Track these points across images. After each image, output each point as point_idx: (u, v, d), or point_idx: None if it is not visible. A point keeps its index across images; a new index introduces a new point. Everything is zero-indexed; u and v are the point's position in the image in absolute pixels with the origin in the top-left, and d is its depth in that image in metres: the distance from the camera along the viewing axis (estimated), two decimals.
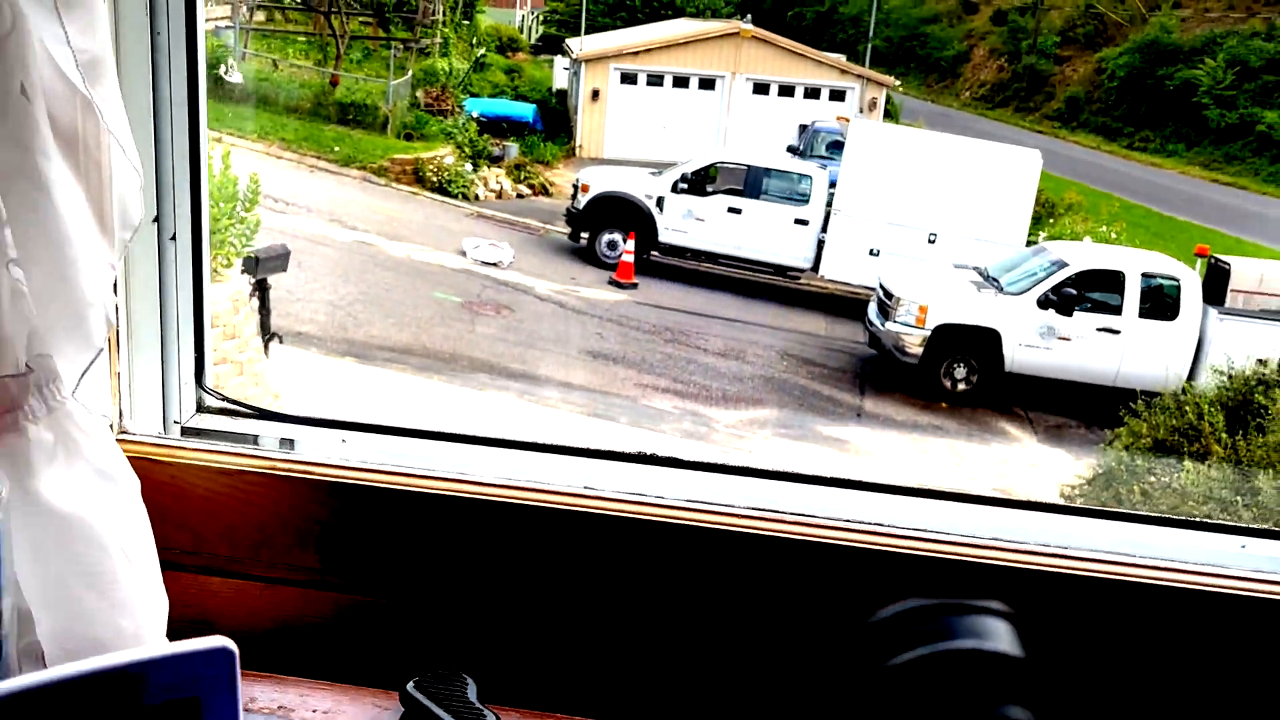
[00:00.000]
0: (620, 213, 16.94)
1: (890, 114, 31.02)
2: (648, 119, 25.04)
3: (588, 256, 16.97)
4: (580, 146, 25.12)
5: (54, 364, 0.76)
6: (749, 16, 37.44)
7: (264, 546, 1.17)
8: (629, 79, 25.83)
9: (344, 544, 1.19)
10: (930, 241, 16.39)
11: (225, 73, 18.94)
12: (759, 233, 16.82)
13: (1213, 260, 14.50)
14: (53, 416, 0.76)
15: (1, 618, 0.80)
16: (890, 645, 1.13)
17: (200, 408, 1.29)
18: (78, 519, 0.78)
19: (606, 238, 16.89)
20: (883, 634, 1.13)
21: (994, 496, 1.31)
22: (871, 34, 45.22)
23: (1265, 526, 1.23)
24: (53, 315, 0.73)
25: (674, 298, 16.11)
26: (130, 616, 0.90)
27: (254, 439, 1.24)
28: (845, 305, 16.64)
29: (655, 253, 17.26)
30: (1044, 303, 13.70)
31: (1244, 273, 13.96)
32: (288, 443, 1.23)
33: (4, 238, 0.70)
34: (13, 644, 0.83)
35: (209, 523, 1.02)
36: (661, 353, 13.89)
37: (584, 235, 17.10)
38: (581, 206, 17.08)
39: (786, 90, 26.77)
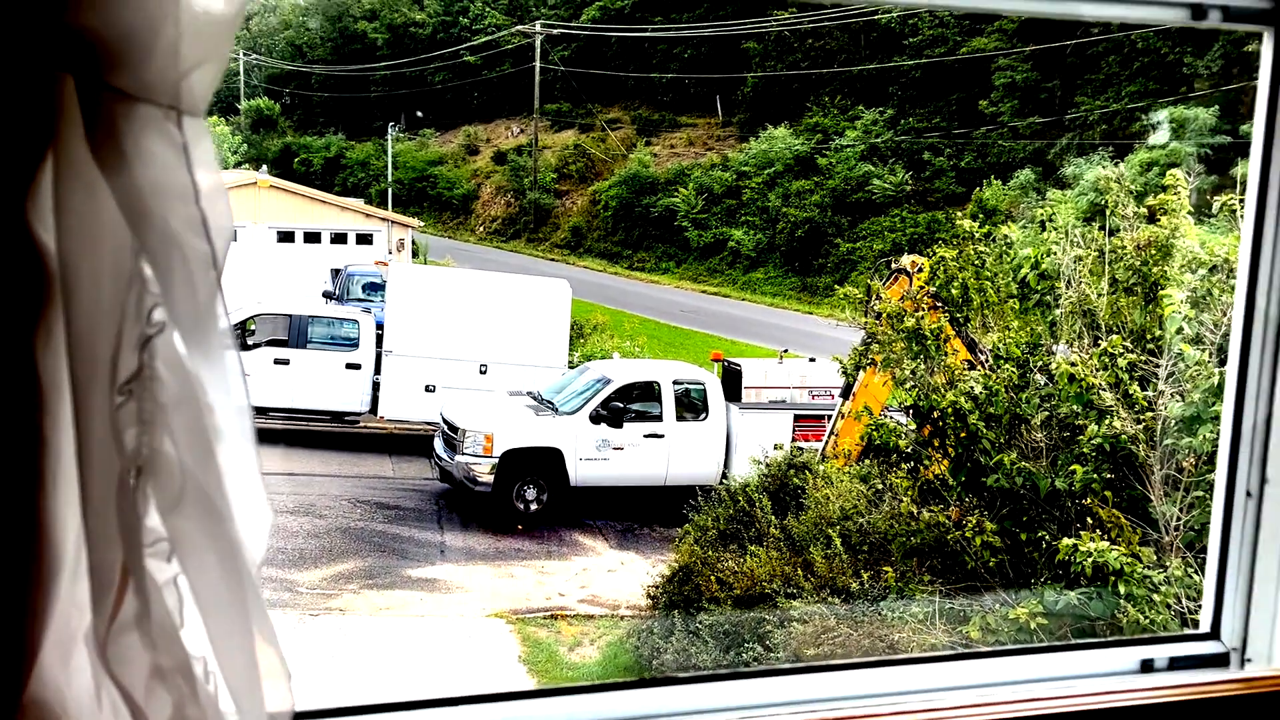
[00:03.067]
0: None
1: (416, 253, 31.86)
2: None
3: None
4: None
5: None
6: (264, 166, 36.76)
7: None
8: None
9: None
10: (482, 372, 16.96)
11: None
12: (310, 382, 16.37)
13: (726, 363, 16.51)
14: None
15: None
16: None
17: None
18: None
19: None
20: None
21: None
22: (390, 177, 46.38)
23: None
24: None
25: None
26: None
27: None
28: (410, 443, 16.63)
29: None
30: (596, 418, 14.70)
31: (752, 371, 16.03)
32: None
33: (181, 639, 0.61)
34: None
35: None
36: None
37: None
38: None
39: (313, 236, 26.54)
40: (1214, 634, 1.42)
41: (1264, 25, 1.27)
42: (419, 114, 54.00)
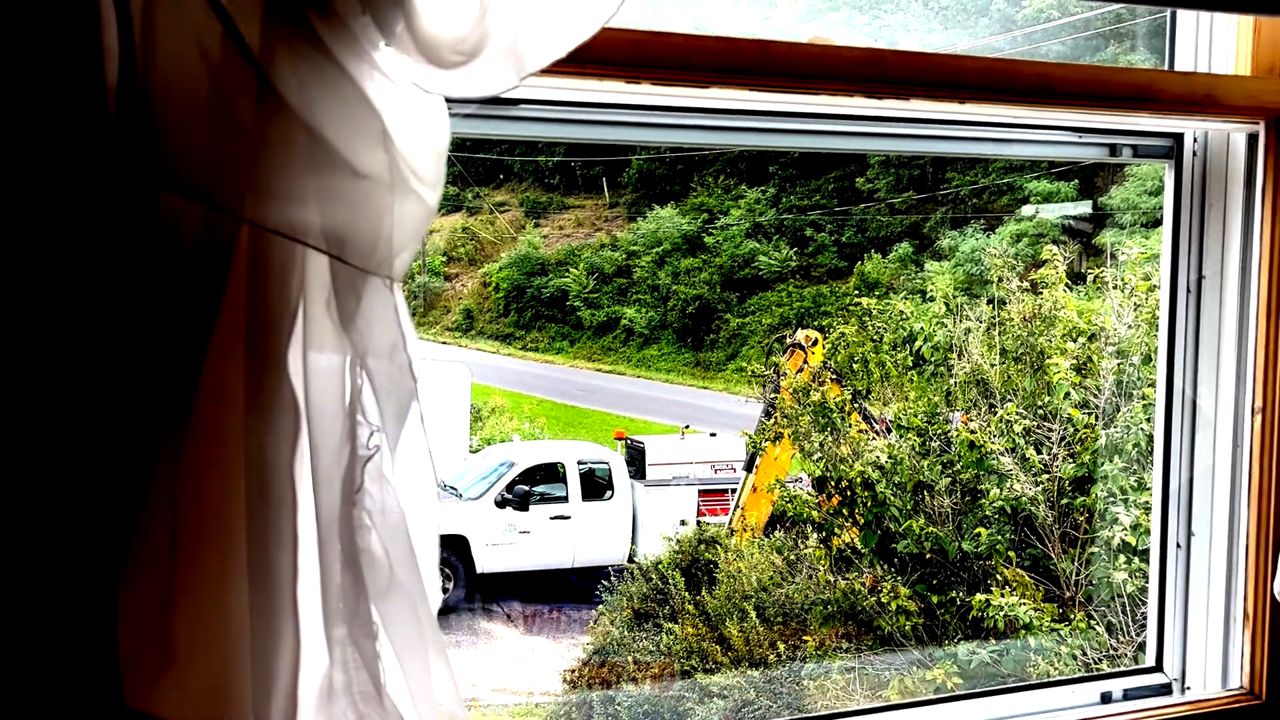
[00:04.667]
0: None
1: None
2: None
3: None
4: None
5: None
6: None
7: None
8: None
9: None
10: None
11: None
12: None
13: (629, 441, 16.67)
14: None
15: None
16: None
17: None
18: None
19: None
20: None
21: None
22: None
23: None
24: None
25: None
26: None
27: None
28: None
29: None
30: (501, 502, 14.63)
31: (656, 448, 16.22)
32: None
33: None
34: None
35: None
36: None
37: None
38: None
39: None
40: (1158, 667, 1.65)
41: (1164, 160, 1.56)
42: None
